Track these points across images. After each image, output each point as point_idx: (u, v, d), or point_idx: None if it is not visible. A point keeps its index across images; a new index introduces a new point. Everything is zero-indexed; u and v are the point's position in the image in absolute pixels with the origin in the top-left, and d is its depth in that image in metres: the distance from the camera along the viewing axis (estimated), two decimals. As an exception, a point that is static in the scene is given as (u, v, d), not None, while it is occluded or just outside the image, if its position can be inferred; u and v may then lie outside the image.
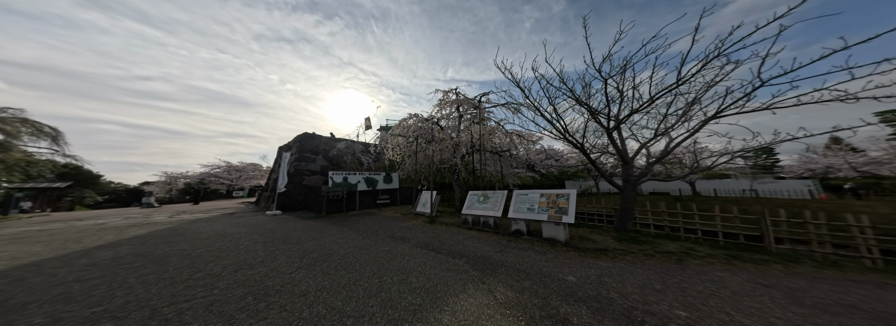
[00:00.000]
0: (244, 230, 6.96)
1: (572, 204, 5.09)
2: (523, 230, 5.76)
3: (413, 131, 8.96)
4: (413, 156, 10.27)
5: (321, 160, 11.41)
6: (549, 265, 3.82)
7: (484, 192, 7.48)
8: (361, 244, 5.39)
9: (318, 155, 11.29)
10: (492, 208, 6.80)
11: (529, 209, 5.79)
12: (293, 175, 10.17)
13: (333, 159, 11.73)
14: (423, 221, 8.21)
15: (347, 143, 11.89)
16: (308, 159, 10.87)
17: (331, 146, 11.67)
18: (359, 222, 8.15)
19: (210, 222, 8.63)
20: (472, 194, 7.76)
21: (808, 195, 16.36)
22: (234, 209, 12.96)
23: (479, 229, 6.74)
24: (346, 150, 11.95)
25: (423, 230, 6.77)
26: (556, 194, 5.48)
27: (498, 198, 6.89)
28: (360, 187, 10.48)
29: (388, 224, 7.68)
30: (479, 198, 7.49)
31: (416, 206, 9.65)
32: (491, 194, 7.23)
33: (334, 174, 9.52)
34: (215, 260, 4.26)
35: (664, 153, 5.26)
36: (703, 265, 3.66)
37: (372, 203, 11.19)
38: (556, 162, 19.50)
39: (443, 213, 9.32)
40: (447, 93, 9.03)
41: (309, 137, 11.24)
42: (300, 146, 10.78)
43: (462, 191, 9.89)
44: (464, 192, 10.68)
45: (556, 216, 5.17)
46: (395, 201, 12.36)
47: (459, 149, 9.04)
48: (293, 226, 7.49)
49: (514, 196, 6.31)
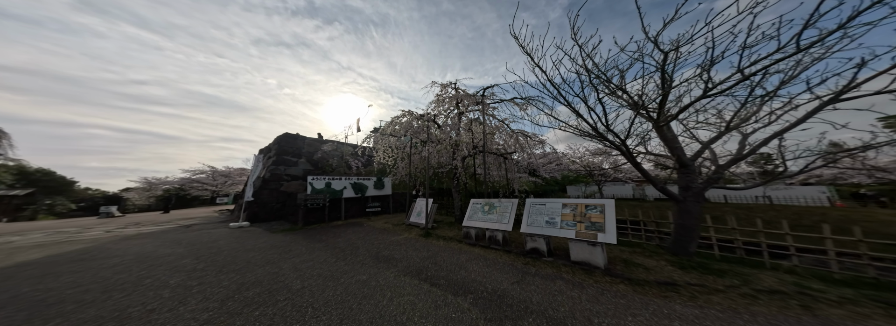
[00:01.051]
0: (179, 251, 5.47)
1: (610, 219, 3.81)
2: (542, 250, 4.43)
3: (407, 130, 7.70)
4: (407, 159, 8.99)
5: (304, 164, 10.06)
6: (597, 310, 2.52)
7: (488, 200, 6.18)
8: (331, 270, 4.00)
9: (300, 158, 9.94)
10: (499, 219, 5.49)
11: (549, 222, 4.49)
12: (269, 181, 8.77)
13: (318, 163, 10.39)
14: (416, 234, 6.84)
15: (334, 144, 10.61)
16: (288, 163, 9.50)
17: (315, 148, 10.35)
18: (340, 235, 6.74)
19: (149, 238, 7.08)
20: (474, 203, 6.45)
21: (826, 203, 15.29)
22: (202, 219, 11.36)
23: (485, 245, 5.40)
24: (332, 152, 10.64)
25: (415, 247, 5.40)
26: (586, 206, 4.20)
27: (506, 208, 5.58)
28: (347, 193, 9.09)
29: (375, 238, 6.29)
30: (483, 207, 6.18)
31: (409, 215, 8.27)
32: (497, 202, 5.92)
33: (315, 180, 8.16)
34: (80, 308, 2.84)
35: (750, 151, 3.95)
36: (855, 320, 2.33)
37: (360, 212, 9.77)
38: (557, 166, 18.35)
39: (440, 224, 7.96)
40: (445, 87, 7.85)
41: (290, 138, 9.93)
42: (279, 148, 9.44)
43: (463, 198, 8.56)
44: (465, 199, 9.35)
45: (589, 234, 3.87)
46: (387, 208, 10.95)
47: (460, 150, 7.77)
48: (252, 243, 6.04)
49: (527, 206, 5.02)
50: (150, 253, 5.36)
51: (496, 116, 8.05)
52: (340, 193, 8.81)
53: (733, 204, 16.54)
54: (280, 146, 9.46)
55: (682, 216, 4.13)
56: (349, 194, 9.18)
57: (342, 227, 7.81)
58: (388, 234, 6.88)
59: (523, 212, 5.04)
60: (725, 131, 4.18)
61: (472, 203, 6.55)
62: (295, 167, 9.57)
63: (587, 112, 4.04)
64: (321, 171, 10.12)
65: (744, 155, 4.05)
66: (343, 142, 11.09)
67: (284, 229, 7.37)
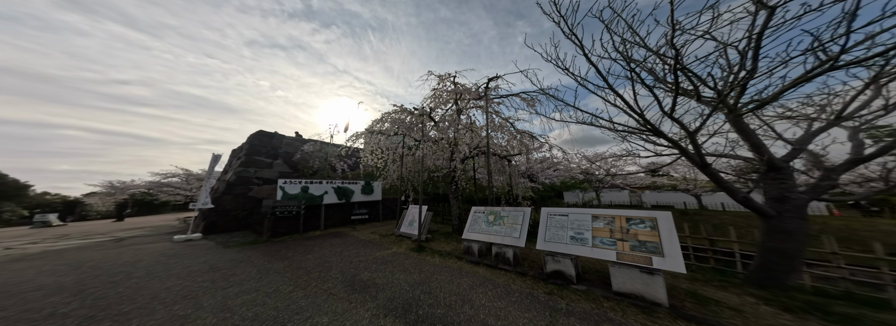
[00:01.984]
0: (63, 281, 3.97)
1: (670, 237, 2.82)
2: (569, 273, 3.39)
3: (398, 127, 6.64)
4: (398, 160, 7.88)
5: (281, 166, 8.74)
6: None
7: (493, 209, 5.13)
8: (278, 308, 2.82)
9: (276, 159, 8.63)
10: (508, 232, 4.44)
11: (577, 238, 3.47)
12: (235, 185, 7.42)
13: (298, 165, 9.11)
14: (407, 247, 5.68)
15: (318, 145, 9.40)
16: (261, 165, 8.17)
17: (295, 148, 9.10)
18: (313, 250, 5.48)
19: (48, 258, 5.36)
20: (476, 212, 5.39)
21: (824, 211, 14.98)
22: (153, 228, 9.67)
23: (491, 265, 4.30)
24: (315, 153, 9.41)
25: (405, 266, 4.25)
26: (627, 219, 3.20)
27: (516, 219, 4.54)
28: (328, 199, 7.83)
29: (356, 254, 5.09)
30: (486, 217, 5.12)
31: (399, 225, 7.09)
32: (505, 211, 4.88)
33: (287, 184, 6.89)
34: None
35: (886, 147, 2.88)
36: None
37: (345, 220, 8.50)
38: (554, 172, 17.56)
39: (435, 235, 6.81)
40: (443, 79, 6.88)
41: (265, 136, 8.66)
42: (251, 148, 8.13)
43: (460, 205, 7.48)
44: (463, 206, 8.25)
45: (639, 257, 2.86)
46: (376, 215, 9.70)
47: (459, 150, 6.75)
48: (184, 266, 4.58)
49: (544, 218, 4.00)
50: (16, 285, 3.83)
51: (500, 114, 7.10)
52: (320, 198, 7.55)
53: (732, 212, 16.07)
54: (252, 146, 8.17)
55: (775, 237, 3.16)
56: (331, 199, 7.92)
57: (319, 238, 6.53)
58: (374, 247, 5.68)
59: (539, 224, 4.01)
60: (835, 123, 3.29)
61: (473, 212, 5.48)
62: (269, 169, 8.25)
63: (633, 100, 3.06)
64: (300, 174, 8.82)
65: (871, 155, 2.99)
66: (327, 142, 9.87)
67: (244, 242, 6.02)
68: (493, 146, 7.04)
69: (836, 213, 14.80)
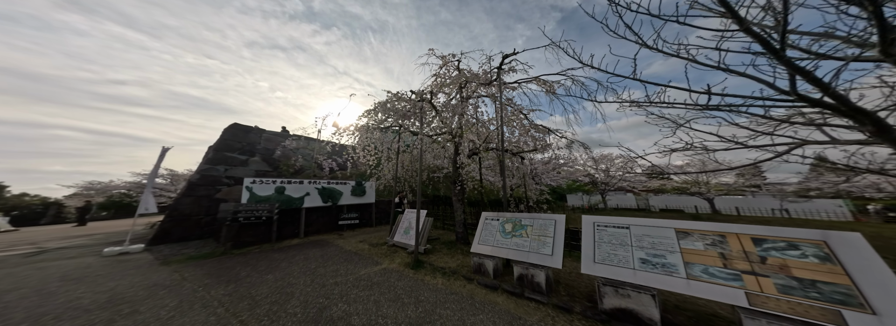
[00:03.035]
0: None
1: (871, 275, 1.62)
2: (649, 316, 2.22)
3: (393, 115, 5.49)
4: (394, 158, 6.73)
5: (258, 164, 7.49)
6: None
7: (512, 216, 3.97)
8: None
9: (253, 156, 7.38)
10: (535, 247, 3.28)
11: (654, 262, 2.33)
12: (198, 185, 6.11)
13: (279, 163, 7.89)
14: (401, 262, 4.49)
15: (302, 140, 8.20)
16: (233, 162, 6.90)
17: (276, 144, 7.88)
18: (277, 267, 4.24)
19: None
20: (489, 219, 4.23)
21: (846, 217, 13.94)
22: (105, 236, 8.26)
23: (515, 291, 3.12)
24: (299, 150, 8.21)
25: (396, 294, 3.06)
26: (756, 239, 2.04)
27: (546, 229, 3.39)
28: (310, 202, 6.60)
29: (333, 273, 3.88)
30: (502, 226, 3.97)
31: (393, 233, 5.89)
32: (528, 219, 3.72)
33: (257, 184, 5.63)
34: None
35: None
36: None
37: (331, 225, 7.27)
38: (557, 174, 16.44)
39: (435, 244, 5.61)
40: (446, 61, 5.76)
41: (240, 130, 7.42)
42: (222, 143, 6.86)
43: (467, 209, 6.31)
44: (468, 211, 7.06)
45: (809, 310, 1.67)
46: (368, 220, 8.48)
47: (462, 145, 5.60)
48: (78, 294, 3.23)
49: (588, 229, 2.86)
50: None
51: (512, 103, 5.98)
52: (299, 201, 6.30)
53: (749, 218, 15.01)
54: (223, 141, 6.91)
55: None
56: (314, 202, 6.69)
57: (295, 249, 5.29)
58: (360, 262, 4.47)
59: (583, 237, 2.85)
60: None
61: (484, 219, 4.32)
62: (243, 168, 7.00)
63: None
64: (280, 172, 7.59)
65: None
66: (314, 138, 8.70)
67: (194, 255, 4.74)
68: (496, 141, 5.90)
69: (860, 219, 13.76)
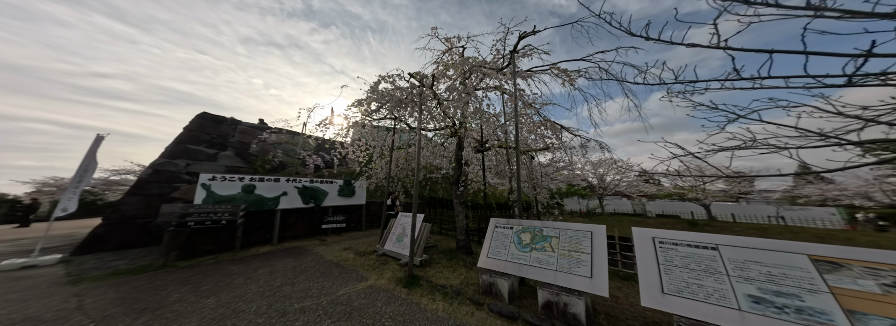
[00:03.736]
0: None
1: None
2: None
3: (387, 103, 4.69)
4: (387, 155, 5.92)
5: (230, 159, 6.44)
6: None
7: (529, 224, 3.23)
8: None
9: (224, 149, 6.33)
10: (567, 265, 2.55)
11: (779, 301, 1.57)
12: (149, 182, 4.98)
13: (255, 158, 6.88)
14: (392, 277, 3.68)
15: (283, 134, 7.23)
16: (199, 156, 5.79)
17: (252, 137, 6.88)
18: (227, 287, 3.34)
19: None
20: (500, 228, 3.49)
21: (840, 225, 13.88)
22: (30, 242, 6.98)
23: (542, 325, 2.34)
24: (279, 144, 7.26)
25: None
26: None
27: (578, 242, 2.66)
28: (287, 202, 5.68)
29: (303, 293, 3.03)
30: (517, 237, 3.24)
31: (383, 240, 5.06)
32: (551, 229, 2.98)
33: (217, 181, 4.60)
34: None
35: None
36: None
37: (313, 229, 6.36)
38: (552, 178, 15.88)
39: (433, 253, 4.82)
40: (452, 44, 5.00)
41: (210, 120, 6.34)
42: (186, 134, 5.73)
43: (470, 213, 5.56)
44: (474, 216, 6.30)
45: None
46: (358, 224, 7.60)
47: (466, 139, 4.86)
48: None
49: (648, 247, 2.13)
50: None
51: (523, 96, 5.26)
52: (273, 202, 5.36)
53: (744, 224, 14.81)
54: (188, 132, 5.84)
55: None
56: (292, 203, 5.77)
57: (261, 260, 4.37)
58: (340, 277, 3.62)
59: (637, 256, 2.12)
60: None
61: (494, 227, 3.57)
62: (211, 163, 5.94)
63: None
64: (254, 169, 6.58)
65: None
66: (298, 132, 7.76)
67: (123, 270, 3.68)
68: (510, 140, 5.17)
69: (852, 228, 13.71)
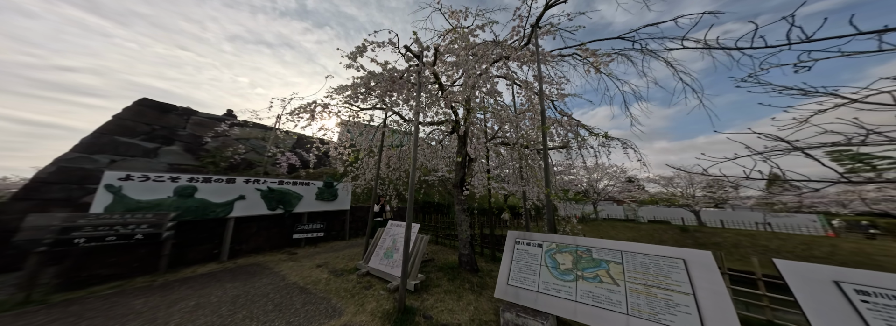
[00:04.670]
0: None
1: None
2: None
3: (373, 86, 3.73)
4: (377, 153, 4.94)
5: (177, 155, 5.00)
6: None
7: (566, 241, 2.29)
8: None
9: (170, 144, 4.91)
10: (648, 308, 1.58)
11: None
12: (51, 184, 3.48)
13: (212, 154, 5.54)
14: (375, 310, 2.62)
15: (251, 128, 6.01)
16: (133, 151, 4.29)
17: (207, 129, 5.56)
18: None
19: None
20: (523, 244, 2.54)
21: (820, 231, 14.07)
22: None
23: None
24: (248, 140, 6.01)
25: None
26: None
27: (662, 273, 1.73)
28: (245, 208, 4.47)
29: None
30: (549, 258, 2.31)
31: (369, 255, 4.00)
32: (608, 250, 2.04)
33: (134, 181, 3.26)
34: None
35: None
36: None
37: (282, 240, 5.17)
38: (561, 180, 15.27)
39: (429, 270, 3.80)
40: (457, 21, 4.12)
41: (151, 109, 4.86)
42: (116, 124, 4.27)
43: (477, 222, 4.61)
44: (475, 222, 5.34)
45: None
46: (340, 232, 6.46)
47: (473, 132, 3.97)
48: None
49: (824, 296, 1.20)
50: None
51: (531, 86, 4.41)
52: (224, 208, 4.10)
53: (733, 230, 14.76)
54: (119, 121, 4.41)
55: None
56: (252, 209, 4.56)
57: (192, 286, 3.17)
58: (300, 312, 2.54)
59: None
60: None
61: (513, 242, 2.65)
62: (149, 160, 4.50)
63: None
64: (212, 168, 5.24)
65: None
66: (270, 126, 6.56)
67: None
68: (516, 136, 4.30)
69: (830, 234, 13.91)
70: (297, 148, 7.41)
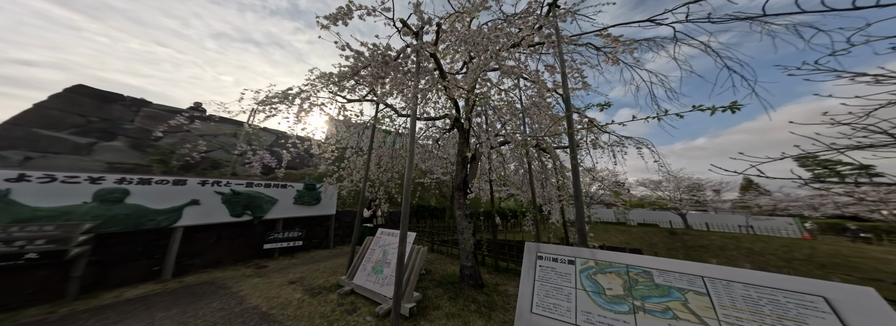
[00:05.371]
0: None
1: None
2: None
3: (364, 74, 3.09)
4: (364, 152, 4.30)
5: (119, 152, 4.00)
6: None
7: (610, 258, 1.71)
8: None
9: (112, 139, 4.01)
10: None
11: None
12: None
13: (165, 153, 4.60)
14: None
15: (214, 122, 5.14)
16: (59, 147, 3.33)
17: (159, 122, 4.63)
18: None
19: None
20: (548, 260, 1.94)
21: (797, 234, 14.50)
22: None
23: None
24: (215, 137, 5.16)
25: None
26: None
27: (780, 311, 1.13)
28: (197, 216, 3.64)
29: None
30: (589, 280, 1.68)
31: (353, 269, 3.28)
32: (672, 272, 1.46)
33: (22, 183, 2.46)
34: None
35: None
36: None
37: (250, 251, 4.35)
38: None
39: (426, 286, 3.11)
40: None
41: (89, 97, 3.87)
42: (39, 116, 3.36)
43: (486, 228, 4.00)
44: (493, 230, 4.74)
45: None
46: (323, 240, 5.67)
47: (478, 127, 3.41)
48: None
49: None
50: None
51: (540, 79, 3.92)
52: (169, 215, 3.23)
53: (719, 233, 14.96)
54: (43, 111, 3.43)
55: None
56: (207, 217, 3.72)
57: (106, 318, 2.36)
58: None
59: None
60: None
61: (534, 256, 2.05)
62: (79, 158, 3.44)
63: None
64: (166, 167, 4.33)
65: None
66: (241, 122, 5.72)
67: None
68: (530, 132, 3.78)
69: (806, 236, 14.35)
70: (275, 147, 6.57)
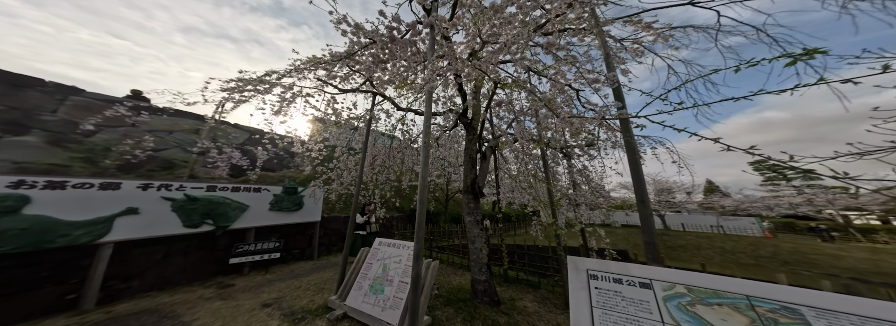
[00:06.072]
0: None
1: None
2: None
3: (360, 46, 2.48)
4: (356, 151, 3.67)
5: (37, 150, 3.01)
6: None
7: (715, 284, 1.24)
8: None
9: (24, 133, 3.00)
10: None
11: None
12: None
13: (93, 150, 3.62)
14: None
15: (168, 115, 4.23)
16: None
17: (88, 114, 3.67)
18: None
19: None
20: (606, 280, 1.44)
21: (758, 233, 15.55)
22: None
23: None
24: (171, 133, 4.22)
25: None
26: None
27: None
28: (136, 227, 2.78)
29: None
30: (681, 310, 1.18)
31: (345, 287, 2.59)
32: (862, 318, 0.99)
33: None
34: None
35: None
36: None
37: (214, 266, 3.49)
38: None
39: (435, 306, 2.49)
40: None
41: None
42: None
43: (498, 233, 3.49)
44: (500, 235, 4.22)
45: None
46: (305, 251, 4.87)
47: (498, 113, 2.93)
48: None
49: None
50: None
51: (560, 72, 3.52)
52: (92, 229, 2.36)
53: (694, 233, 15.67)
54: None
55: None
56: (151, 229, 2.87)
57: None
58: None
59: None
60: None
61: (584, 275, 1.54)
62: None
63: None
64: (64, 165, 3.31)
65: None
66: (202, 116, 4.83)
67: None
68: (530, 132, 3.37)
69: (767, 235, 15.39)
70: (248, 145, 5.66)
